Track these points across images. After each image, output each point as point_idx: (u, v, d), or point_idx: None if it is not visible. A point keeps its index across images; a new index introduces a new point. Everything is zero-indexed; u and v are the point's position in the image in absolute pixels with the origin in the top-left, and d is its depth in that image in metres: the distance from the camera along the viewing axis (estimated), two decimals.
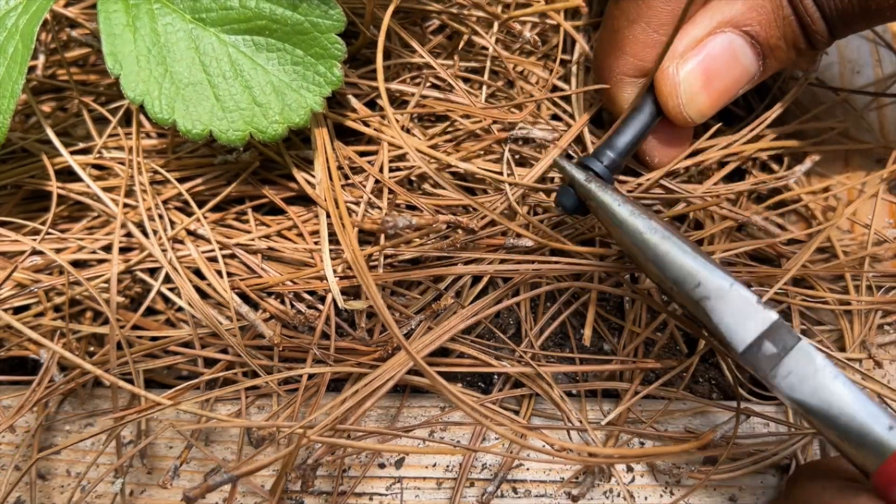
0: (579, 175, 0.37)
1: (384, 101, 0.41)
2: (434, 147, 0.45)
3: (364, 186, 0.43)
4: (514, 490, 0.38)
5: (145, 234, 0.42)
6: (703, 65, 0.39)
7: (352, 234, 0.39)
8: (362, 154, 0.45)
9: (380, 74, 0.40)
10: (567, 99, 0.48)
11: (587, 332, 0.42)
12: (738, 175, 0.47)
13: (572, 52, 0.48)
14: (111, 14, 0.39)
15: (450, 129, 0.46)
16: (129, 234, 0.43)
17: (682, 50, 0.39)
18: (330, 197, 0.41)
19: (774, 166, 0.47)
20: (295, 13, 0.39)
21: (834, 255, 0.44)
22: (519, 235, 0.41)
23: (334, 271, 0.41)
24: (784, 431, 0.39)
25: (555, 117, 0.48)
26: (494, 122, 0.45)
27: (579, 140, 0.46)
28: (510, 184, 0.42)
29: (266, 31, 0.39)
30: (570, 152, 0.45)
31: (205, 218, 0.44)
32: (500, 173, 0.43)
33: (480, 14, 0.47)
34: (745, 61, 0.39)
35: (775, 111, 0.45)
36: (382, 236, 0.42)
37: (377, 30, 0.47)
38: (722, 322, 0.31)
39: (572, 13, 0.50)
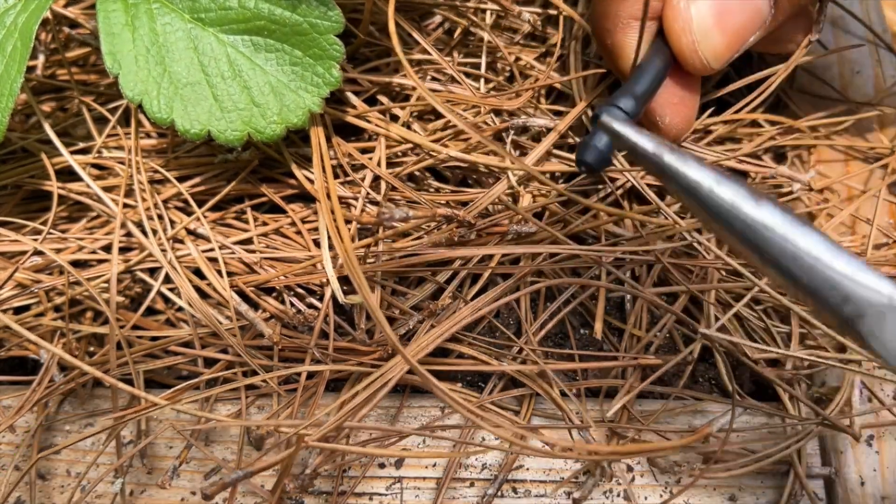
0: (645, 142, 0.28)
1: (399, 54, 0.40)
2: (436, 141, 0.45)
3: (363, 182, 0.43)
4: (514, 490, 0.38)
5: (145, 233, 0.42)
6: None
7: (344, 230, 0.39)
8: (363, 151, 0.45)
9: (393, 36, 0.40)
10: (566, 92, 0.48)
11: (598, 326, 0.42)
12: (739, 174, 0.47)
13: (570, 41, 0.48)
14: (110, 13, 0.39)
15: (450, 123, 0.46)
16: (128, 234, 0.43)
17: None
18: (324, 196, 0.41)
19: (775, 166, 0.47)
20: (294, 14, 0.39)
21: None
22: (523, 221, 0.41)
23: (333, 266, 0.41)
24: (783, 431, 0.39)
25: (556, 113, 0.48)
26: (495, 114, 0.45)
27: (581, 126, 0.46)
28: (511, 168, 0.42)
29: (265, 32, 0.39)
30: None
31: (204, 217, 0.44)
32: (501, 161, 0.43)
33: (483, 6, 0.47)
34: (758, 0, 0.37)
35: (780, 75, 0.44)
36: (380, 229, 0.42)
37: (376, 29, 0.47)
38: (885, 349, 0.24)
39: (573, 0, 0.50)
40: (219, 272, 0.42)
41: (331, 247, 0.41)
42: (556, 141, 0.45)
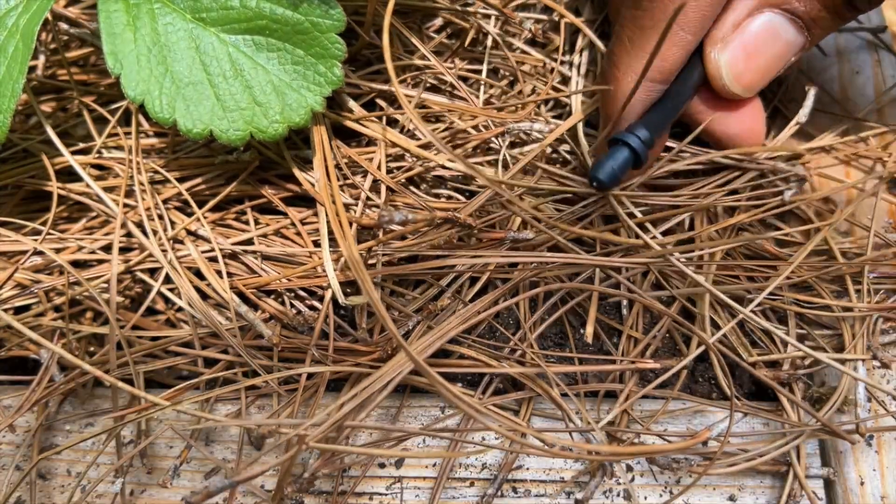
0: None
1: (390, 72, 0.40)
2: (427, 146, 0.45)
3: (362, 185, 0.43)
4: (514, 490, 0.38)
5: (145, 234, 0.42)
6: (742, 44, 0.40)
7: (347, 226, 0.39)
8: (361, 154, 0.45)
9: (386, 52, 0.40)
10: (564, 102, 0.48)
11: (589, 330, 0.42)
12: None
13: (573, 51, 0.48)
14: (112, 14, 0.39)
15: (448, 128, 0.46)
16: (129, 234, 0.43)
17: (722, 35, 0.40)
18: (327, 194, 0.41)
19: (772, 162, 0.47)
20: (295, 13, 0.39)
21: (833, 258, 0.44)
22: (522, 227, 0.41)
23: (334, 266, 0.41)
24: (782, 431, 0.39)
25: (557, 117, 0.48)
26: (496, 123, 0.45)
27: (574, 137, 0.46)
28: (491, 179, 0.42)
29: (266, 31, 0.39)
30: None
31: (204, 218, 0.44)
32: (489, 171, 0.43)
33: (485, 11, 0.48)
34: (788, 36, 0.40)
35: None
36: (381, 231, 0.42)
37: (378, 32, 0.47)
38: None
39: (575, 8, 0.50)
40: (219, 273, 0.42)
41: (332, 248, 0.41)
42: (548, 154, 0.45)
